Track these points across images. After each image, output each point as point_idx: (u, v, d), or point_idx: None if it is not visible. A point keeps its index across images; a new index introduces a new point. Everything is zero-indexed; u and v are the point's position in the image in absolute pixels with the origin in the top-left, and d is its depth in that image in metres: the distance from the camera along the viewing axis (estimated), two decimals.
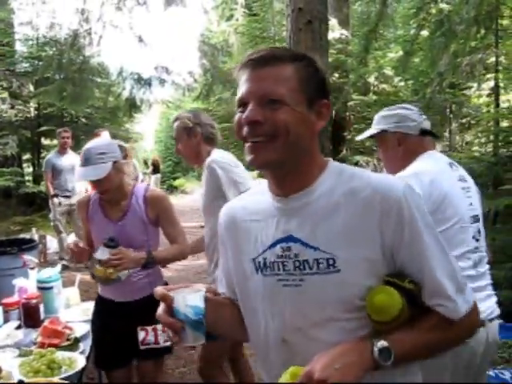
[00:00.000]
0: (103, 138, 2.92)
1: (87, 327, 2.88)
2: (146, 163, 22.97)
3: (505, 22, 8.38)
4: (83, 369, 2.40)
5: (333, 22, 11.02)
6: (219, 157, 2.99)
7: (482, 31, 7.99)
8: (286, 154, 1.25)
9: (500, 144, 6.97)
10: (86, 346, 2.70)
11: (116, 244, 2.60)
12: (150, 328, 2.64)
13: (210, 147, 3.09)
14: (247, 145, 1.28)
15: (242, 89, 1.28)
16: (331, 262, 1.24)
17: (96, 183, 2.69)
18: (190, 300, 1.26)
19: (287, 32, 8.79)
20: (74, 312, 3.18)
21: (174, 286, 1.32)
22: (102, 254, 2.59)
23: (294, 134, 1.24)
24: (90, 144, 2.72)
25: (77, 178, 2.95)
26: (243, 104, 1.27)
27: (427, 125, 2.36)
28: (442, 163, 2.31)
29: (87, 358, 2.57)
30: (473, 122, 9.53)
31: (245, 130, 1.27)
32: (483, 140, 8.38)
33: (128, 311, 2.73)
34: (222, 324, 1.45)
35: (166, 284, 2.80)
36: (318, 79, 1.32)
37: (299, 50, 7.07)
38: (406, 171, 2.22)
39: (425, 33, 9.63)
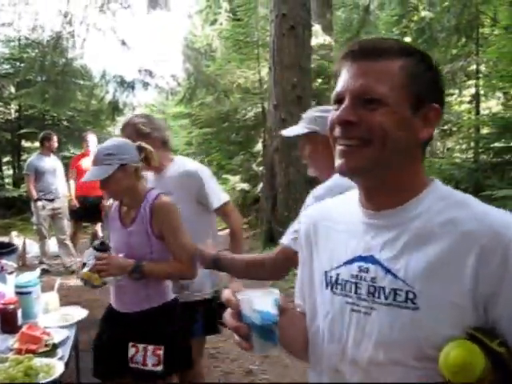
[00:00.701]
0: (118, 138, 2.80)
1: (66, 333, 2.84)
2: None
3: (485, 30, 8.49)
4: (61, 375, 2.37)
5: (316, 27, 11.06)
6: (198, 164, 2.98)
7: (463, 39, 8.11)
8: (381, 162, 1.09)
9: (480, 150, 7.05)
10: (64, 351, 2.65)
11: (105, 248, 2.57)
12: (141, 346, 2.55)
13: (166, 152, 3.05)
14: (338, 147, 1.13)
15: (339, 83, 1.13)
16: (411, 296, 1.05)
17: (101, 185, 2.61)
18: (257, 304, 1.10)
19: (271, 37, 8.85)
20: (53, 317, 3.13)
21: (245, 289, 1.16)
22: (88, 257, 2.57)
23: (392, 140, 1.07)
24: (103, 144, 2.67)
25: (83, 178, 2.84)
26: (339, 100, 1.12)
27: None
28: None
29: (66, 364, 2.54)
30: (454, 128, 9.61)
31: (336, 130, 1.12)
32: (464, 146, 8.46)
33: (126, 322, 2.68)
34: (294, 340, 1.31)
35: (175, 300, 2.74)
36: (429, 79, 1.12)
37: (282, 56, 7.15)
38: (333, 182, 2.13)
39: (407, 39, 9.72)
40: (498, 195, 4.44)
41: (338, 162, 1.13)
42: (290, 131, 2.44)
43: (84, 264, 2.57)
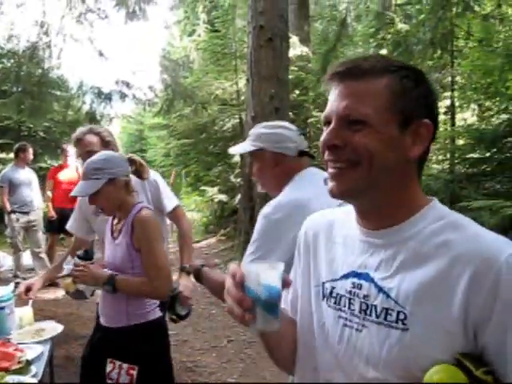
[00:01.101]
0: (107, 152, 2.77)
1: (40, 349, 2.79)
2: None
3: (460, 43, 8.62)
4: None
5: (294, 39, 11.13)
6: (152, 170, 3.03)
7: (438, 52, 8.22)
8: (371, 182, 1.08)
9: (456, 161, 7.12)
10: (38, 368, 2.60)
11: (88, 257, 2.55)
12: (117, 363, 2.52)
13: None
14: (328, 170, 1.12)
15: (328, 105, 1.13)
16: (402, 316, 1.05)
17: (90, 200, 2.58)
18: (264, 278, 1.06)
19: (248, 49, 8.87)
20: (27, 333, 3.07)
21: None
22: (66, 263, 2.56)
23: (379, 160, 1.06)
24: (92, 157, 2.62)
25: (72, 193, 2.81)
26: (327, 123, 1.12)
27: (305, 146, 2.26)
28: (317, 181, 2.09)
29: (40, 382, 2.49)
30: None
31: (326, 153, 1.12)
32: (440, 157, 8.54)
33: (107, 337, 2.65)
34: (281, 346, 1.30)
35: (159, 320, 2.68)
36: (417, 95, 1.10)
37: (260, 67, 7.15)
38: (283, 197, 2.11)
39: (384, 52, 9.82)
40: (474, 206, 4.49)
41: (329, 184, 1.13)
42: (236, 149, 2.42)
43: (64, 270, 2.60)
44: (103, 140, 3.04)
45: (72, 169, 7.93)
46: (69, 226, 3.30)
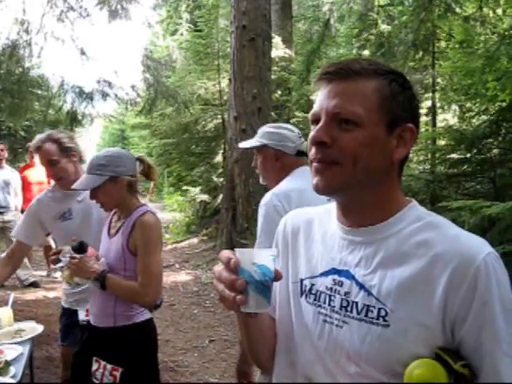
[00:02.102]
0: (115, 149, 2.76)
1: (20, 349, 2.77)
2: None
3: (441, 44, 8.70)
4: None
5: (276, 39, 11.15)
6: None
7: (420, 53, 8.28)
8: (353, 181, 1.10)
9: (437, 162, 7.18)
10: (17, 369, 2.57)
11: (81, 249, 2.53)
12: (102, 363, 2.51)
13: (82, 165, 3.10)
14: (313, 165, 1.14)
15: (316, 103, 1.15)
16: (383, 313, 1.07)
17: (91, 194, 2.57)
18: (257, 258, 1.08)
19: (231, 48, 8.87)
20: (6, 333, 3.04)
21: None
22: (65, 254, 2.54)
23: (364, 161, 1.08)
24: (100, 152, 2.62)
25: (73, 186, 2.79)
26: (316, 121, 1.13)
27: (304, 147, 2.50)
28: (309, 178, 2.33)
29: (19, 383, 2.46)
30: None
31: (312, 149, 1.13)
32: (421, 158, 8.61)
33: (95, 335, 2.63)
34: (260, 344, 1.30)
35: (146, 322, 2.63)
36: (404, 98, 1.13)
37: (242, 67, 7.19)
38: (278, 189, 2.40)
39: (366, 53, 9.88)
40: (454, 206, 4.51)
41: (313, 180, 1.14)
42: (245, 144, 2.70)
43: (59, 260, 2.56)
44: (62, 147, 3.00)
45: (40, 168, 7.82)
46: (16, 232, 3.22)
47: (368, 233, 1.15)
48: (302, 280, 1.25)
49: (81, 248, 2.53)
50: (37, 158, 7.84)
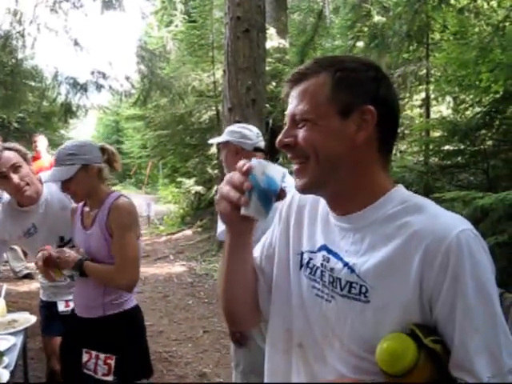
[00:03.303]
0: (81, 139, 2.77)
1: (13, 340, 2.77)
2: None
3: (436, 36, 8.69)
4: None
5: (271, 31, 11.11)
6: None
7: (414, 44, 8.27)
8: (321, 174, 1.16)
9: (430, 153, 7.18)
10: (11, 359, 2.58)
11: (64, 242, 2.54)
12: (94, 353, 2.53)
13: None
14: (293, 167, 1.21)
15: None
16: (364, 290, 1.12)
17: (63, 186, 2.56)
18: (269, 170, 1.15)
19: (225, 39, 8.82)
20: None
21: None
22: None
23: (324, 152, 1.13)
24: (64, 144, 2.61)
25: (45, 179, 2.79)
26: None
27: (262, 144, 3.01)
28: None
29: (12, 373, 2.47)
30: (407, 131, 9.78)
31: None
32: (415, 149, 8.61)
33: (82, 327, 2.64)
34: (243, 270, 1.34)
35: (134, 309, 2.68)
36: (358, 82, 1.16)
37: (236, 58, 7.17)
38: None
39: (361, 44, 9.86)
40: (447, 197, 4.54)
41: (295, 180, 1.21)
42: (213, 140, 3.14)
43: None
44: (21, 154, 2.97)
45: (44, 160, 7.82)
46: None
47: (354, 219, 1.20)
48: (302, 253, 1.31)
49: (62, 241, 2.56)
50: (42, 151, 7.83)
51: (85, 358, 2.54)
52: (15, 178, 2.86)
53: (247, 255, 1.34)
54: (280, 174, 1.16)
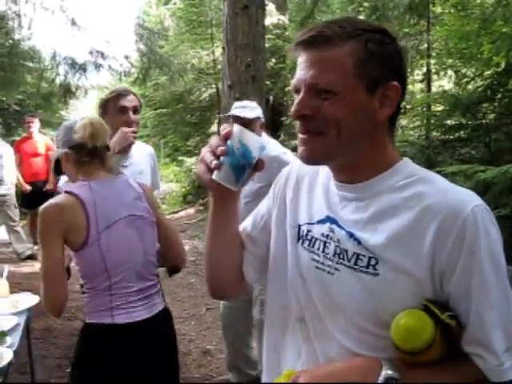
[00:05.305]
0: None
1: (16, 320, 2.78)
2: None
3: (437, 9, 8.58)
4: (12, 364, 2.32)
5: (270, 7, 11.00)
6: None
7: (416, 18, 8.18)
8: (340, 147, 1.11)
9: (432, 128, 7.14)
10: (14, 339, 2.59)
11: None
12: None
13: None
14: (299, 136, 1.16)
15: (296, 73, 1.15)
16: (373, 262, 1.09)
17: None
18: (245, 137, 1.12)
19: (224, 16, 8.73)
20: (2, 304, 3.06)
21: None
22: None
23: (347, 127, 1.09)
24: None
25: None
26: (297, 91, 1.14)
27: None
28: None
29: (15, 352, 2.48)
30: (408, 106, 9.74)
31: (297, 123, 1.15)
32: (416, 124, 8.56)
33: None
34: (227, 233, 1.33)
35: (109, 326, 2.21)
36: (384, 57, 1.11)
37: (235, 35, 7.08)
38: None
39: (361, 18, 9.76)
40: (448, 171, 4.52)
41: (299, 149, 1.16)
42: (246, 113, 3.35)
43: None
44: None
45: (37, 140, 7.84)
46: None
47: (360, 189, 1.17)
48: (299, 225, 1.27)
49: None
50: (34, 131, 7.88)
51: None
52: (132, 116, 2.93)
53: (231, 221, 1.33)
54: (258, 145, 1.12)
